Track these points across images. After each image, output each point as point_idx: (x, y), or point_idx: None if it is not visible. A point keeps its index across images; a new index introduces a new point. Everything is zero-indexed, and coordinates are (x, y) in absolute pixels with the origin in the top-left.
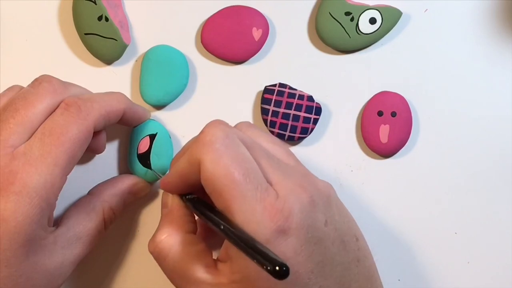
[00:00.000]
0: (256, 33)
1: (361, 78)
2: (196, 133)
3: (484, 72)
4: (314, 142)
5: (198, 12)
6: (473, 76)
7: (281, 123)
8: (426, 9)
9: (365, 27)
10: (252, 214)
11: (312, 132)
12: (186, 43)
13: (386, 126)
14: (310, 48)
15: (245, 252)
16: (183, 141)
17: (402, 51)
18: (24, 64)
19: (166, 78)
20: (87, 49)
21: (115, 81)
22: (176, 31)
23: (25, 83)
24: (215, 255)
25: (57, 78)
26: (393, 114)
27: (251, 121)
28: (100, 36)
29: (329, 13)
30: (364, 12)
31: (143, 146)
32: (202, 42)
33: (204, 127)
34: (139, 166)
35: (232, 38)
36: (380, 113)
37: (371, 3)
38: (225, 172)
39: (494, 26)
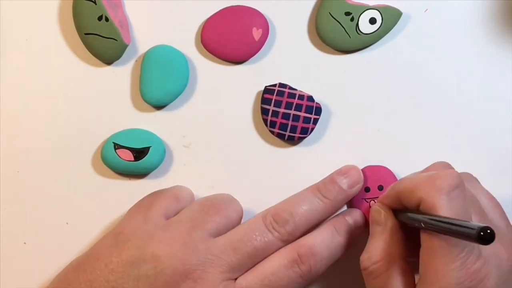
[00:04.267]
0: (256, 33)
1: (361, 78)
2: (196, 133)
3: (484, 72)
4: (314, 142)
5: (198, 12)
6: (473, 76)
7: (281, 123)
8: (426, 9)
9: (365, 27)
10: (451, 269)
11: (312, 132)
12: (186, 43)
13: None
14: (310, 48)
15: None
16: (184, 141)
17: (402, 51)
18: (24, 64)
19: (166, 78)
20: (87, 49)
21: (115, 81)
22: (176, 31)
23: (25, 83)
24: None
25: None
26: (380, 188)
27: (251, 121)
28: (100, 36)
29: (329, 13)
30: (364, 12)
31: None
32: (202, 42)
33: (435, 165)
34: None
35: (232, 38)
36: (367, 189)
37: (371, 3)
38: None
39: (494, 26)
